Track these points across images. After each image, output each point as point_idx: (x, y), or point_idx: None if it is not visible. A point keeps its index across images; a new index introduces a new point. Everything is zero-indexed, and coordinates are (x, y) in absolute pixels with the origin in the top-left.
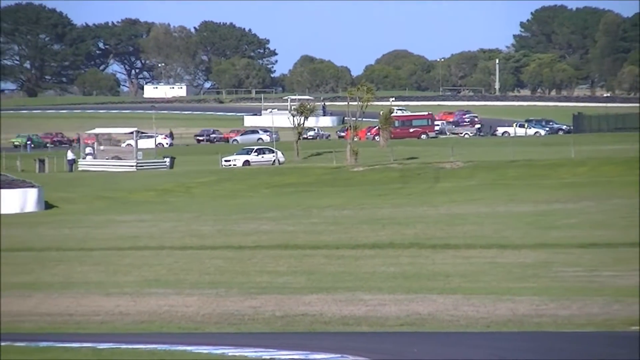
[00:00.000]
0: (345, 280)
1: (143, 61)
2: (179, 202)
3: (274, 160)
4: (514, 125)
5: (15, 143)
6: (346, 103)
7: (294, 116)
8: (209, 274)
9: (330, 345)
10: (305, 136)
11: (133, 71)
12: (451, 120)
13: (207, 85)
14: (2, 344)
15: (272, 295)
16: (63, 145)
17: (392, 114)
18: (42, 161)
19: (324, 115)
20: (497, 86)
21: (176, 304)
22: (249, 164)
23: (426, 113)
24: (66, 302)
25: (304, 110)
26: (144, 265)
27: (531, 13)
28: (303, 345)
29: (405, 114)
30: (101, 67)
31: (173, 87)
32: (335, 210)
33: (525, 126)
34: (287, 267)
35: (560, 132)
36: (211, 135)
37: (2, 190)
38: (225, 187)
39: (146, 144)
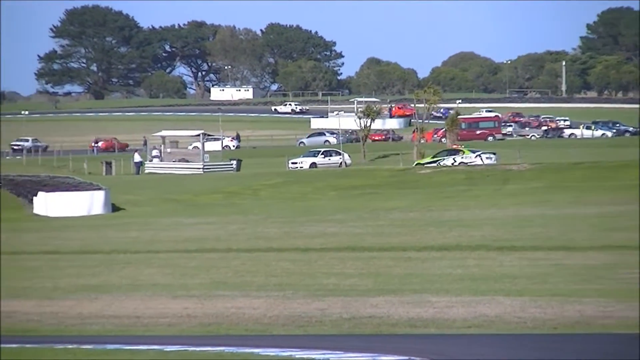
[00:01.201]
0: (412, 283)
1: (209, 64)
2: (246, 205)
3: (341, 163)
4: (581, 127)
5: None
6: (413, 105)
7: (360, 118)
8: (276, 276)
9: (397, 347)
10: (381, 137)
11: (199, 74)
12: (521, 121)
13: (274, 87)
14: (70, 346)
15: (339, 297)
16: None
17: (460, 116)
18: (109, 164)
19: (391, 118)
20: (563, 88)
21: (243, 306)
22: (316, 166)
23: (493, 115)
24: (133, 305)
25: (370, 113)
26: (211, 267)
27: (597, 15)
28: (370, 348)
29: (490, 115)
30: (167, 70)
31: (239, 90)
32: (402, 213)
33: (592, 128)
34: (354, 270)
35: (627, 134)
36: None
37: (69, 192)
38: (292, 189)
39: (213, 146)
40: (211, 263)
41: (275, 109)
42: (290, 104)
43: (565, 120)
